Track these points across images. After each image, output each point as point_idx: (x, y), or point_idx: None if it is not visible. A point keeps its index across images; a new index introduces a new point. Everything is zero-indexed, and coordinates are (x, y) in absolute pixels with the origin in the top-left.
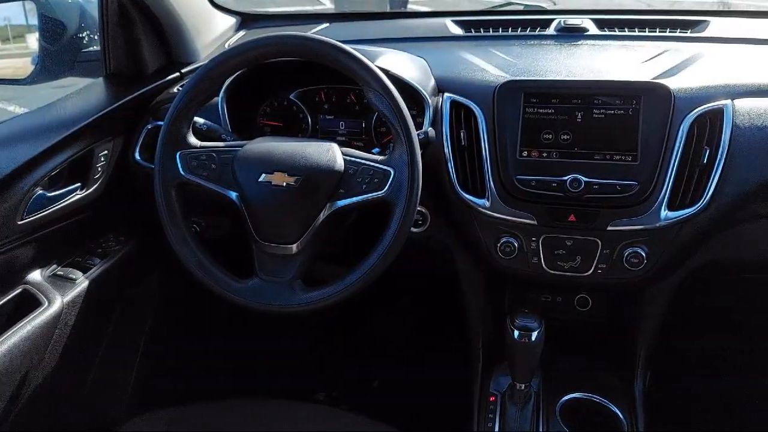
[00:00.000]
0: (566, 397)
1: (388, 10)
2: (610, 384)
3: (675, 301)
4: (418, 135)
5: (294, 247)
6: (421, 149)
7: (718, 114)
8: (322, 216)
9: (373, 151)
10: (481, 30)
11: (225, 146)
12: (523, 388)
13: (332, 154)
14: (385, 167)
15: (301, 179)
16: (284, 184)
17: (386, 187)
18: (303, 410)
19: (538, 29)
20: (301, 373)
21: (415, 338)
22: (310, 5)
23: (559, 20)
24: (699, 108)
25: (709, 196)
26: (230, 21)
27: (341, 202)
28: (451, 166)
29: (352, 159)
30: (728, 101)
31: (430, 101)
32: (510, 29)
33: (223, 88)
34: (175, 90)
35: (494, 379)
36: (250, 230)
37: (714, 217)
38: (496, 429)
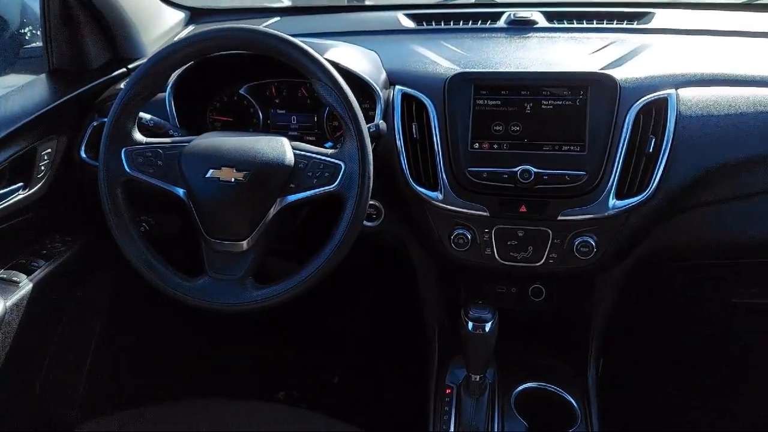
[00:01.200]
0: (521, 387)
1: (346, 3)
2: (564, 373)
3: (625, 288)
4: (369, 128)
5: (244, 243)
6: (372, 142)
7: (662, 103)
8: (272, 211)
9: (326, 145)
10: (433, 23)
11: (171, 142)
12: (478, 379)
13: (282, 148)
14: (335, 161)
15: (249, 174)
16: (232, 179)
17: (337, 181)
18: (262, 410)
19: (489, 22)
20: (259, 372)
21: (374, 333)
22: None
23: (509, 13)
24: (644, 98)
25: (655, 184)
26: (179, 15)
27: (292, 197)
28: (403, 158)
29: (303, 153)
30: (672, 91)
31: (381, 94)
32: (461, 22)
33: (171, 83)
34: (121, 86)
35: (450, 372)
36: (198, 227)
37: (661, 204)
38: (452, 421)
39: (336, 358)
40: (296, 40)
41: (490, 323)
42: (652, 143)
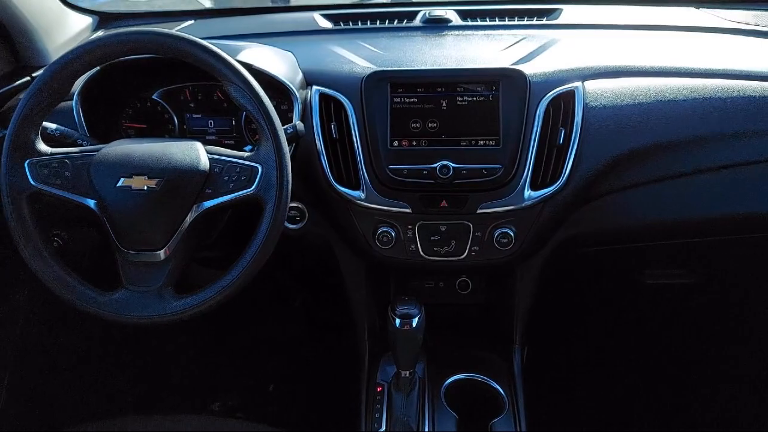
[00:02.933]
0: (450, 380)
1: (270, 4)
2: (491, 362)
3: (544, 276)
4: (286, 129)
5: (161, 253)
6: (290, 143)
7: (570, 96)
8: (189, 218)
9: (246, 148)
10: (350, 23)
11: (80, 151)
12: (407, 375)
13: (195, 152)
14: (252, 164)
15: (162, 181)
16: (145, 187)
17: (255, 184)
18: (197, 423)
19: (405, 21)
20: (192, 384)
21: (308, 335)
22: (185, 4)
23: (424, 12)
24: (553, 91)
25: (567, 174)
26: (86, 21)
27: (208, 203)
28: (324, 159)
29: (218, 157)
30: (579, 84)
31: (297, 94)
32: (378, 22)
33: (77, 90)
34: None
35: (381, 369)
36: (112, 239)
37: (573, 193)
38: (383, 419)
39: (271, 364)
40: (205, 42)
41: (417, 318)
42: (562, 135)
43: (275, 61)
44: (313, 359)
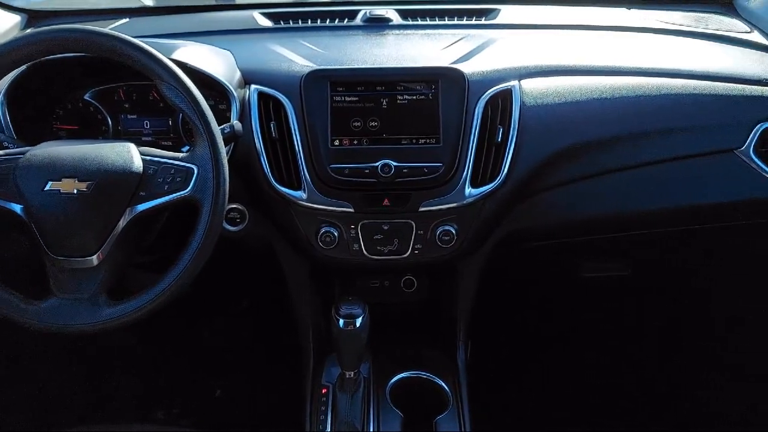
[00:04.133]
0: (395, 378)
1: (208, 3)
2: (435, 359)
3: (486, 272)
4: (223, 129)
5: (94, 259)
6: (228, 143)
7: (507, 94)
8: (122, 222)
9: (183, 149)
10: (290, 22)
11: (4, 154)
12: (352, 375)
13: (128, 154)
14: (187, 165)
15: (93, 184)
16: (75, 191)
17: (190, 186)
18: None
19: (346, 20)
20: (135, 392)
21: (253, 339)
22: (120, 2)
23: (365, 11)
24: (491, 90)
25: (505, 171)
26: (14, 19)
27: (142, 206)
28: (263, 159)
29: (152, 158)
30: (516, 82)
31: (235, 94)
32: (318, 20)
33: (3, 90)
34: None
35: (327, 371)
36: (41, 245)
37: (512, 190)
38: (328, 421)
39: (217, 369)
40: (136, 40)
41: (360, 318)
42: (500, 133)
43: (212, 59)
44: (259, 363)
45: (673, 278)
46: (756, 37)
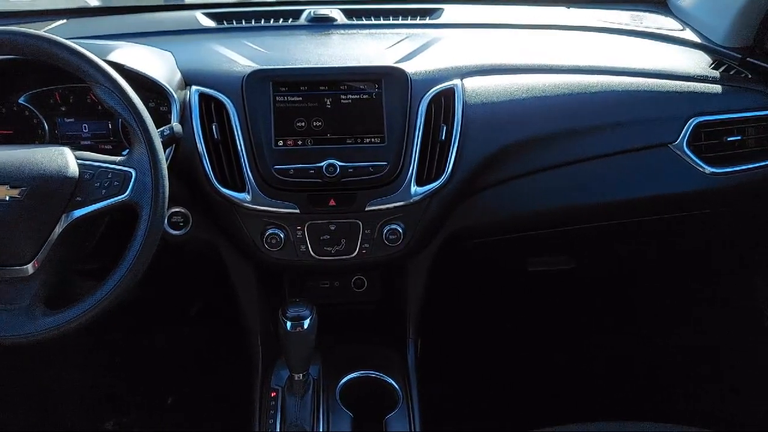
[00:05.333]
0: (345, 379)
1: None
2: (385, 358)
3: (434, 270)
4: (163, 131)
5: (29, 267)
6: (168, 146)
7: (450, 93)
8: (58, 229)
9: (123, 153)
10: (233, 22)
11: None
12: (301, 377)
13: (63, 158)
14: (125, 168)
15: (26, 191)
16: (7, 197)
17: (128, 190)
18: None
19: (290, 20)
20: (84, 402)
21: (205, 345)
22: (55, 2)
23: (309, 11)
24: (433, 88)
25: (450, 169)
26: None
27: (79, 212)
28: (206, 161)
29: (88, 163)
30: (458, 81)
31: (175, 95)
32: (262, 20)
33: None
34: None
35: (276, 374)
36: None
37: (457, 187)
38: (277, 424)
39: (169, 376)
40: (68, 42)
41: (308, 320)
42: (444, 131)
43: (151, 61)
44: (210, 369)
45: (616, 270)
46: (688, 34)
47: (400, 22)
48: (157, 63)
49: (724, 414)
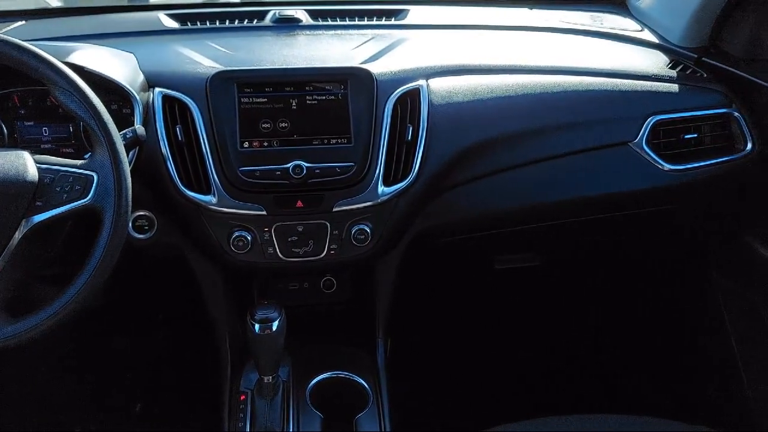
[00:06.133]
0: (315, 380)
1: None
2: (355, 358)
3: (403, 269)
4: (125, 134)
5: None
6: (131, 148)
7: (416, 93)
8: (18, 235)
9: (86, 156)
10: (197, 23)
11: None
12: (270, 380)
13: (22, 162)
14: (86, 172)
15: None
16: None
17: (90, 194)
18: None
19: (255, 21)
20: (50, 408)
21: (173, 350)
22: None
23: (274, 12)
24: (399, 89)
25: (416, 168)
26: None
27: (39, 217)
28: (170, 164)
29: (48, 166)
30: (424, 81)
31: (138, 97)
32: (227, 21)
33: None
34: None
35: (245, 377)
36: None
37: (424, 187)
38: (247, 427)
39: (138, 383)
40: (25, 44)
41: (276, 322)
42: (410, 131)
43: (112, 62)
44: (179, 374)
45: (581, 266)
46: (646, 35)
47: (365, 22)
48: (118, 64)
49: (687, 406)
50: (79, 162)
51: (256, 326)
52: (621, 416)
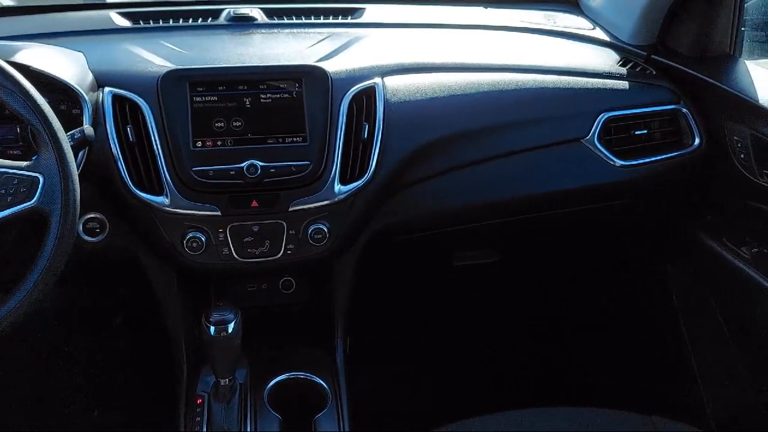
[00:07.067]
0: (273, 381)
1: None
2: (314, 358)
3: (361, 267)
4: (73, 134)
5: None
6: (79, 149)
7: (371, 92)
8: None
9: (33, 158)
10: (150, 21)
11: None
12: (227, 383)
13: None
14: (31, 174)
15: None
16: None
17: (36, 196)
18: None
19: (210, 19)
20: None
21: (130, 355)
22: None
23: (228, 10)
24: (354, 87)
25: (373, 167)
26: None
27: None
28: (121, 164)
29: None
30: (379, 80)
31: (87, 97)
32: (181, 20)
33: None
34: None
35: (202, 380)
36: None
37: (381, 185)
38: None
39: (93, 390)
40: None
41: (232, 324)
42: (366, 129)
43: (60, 62)
44: (136, 379)
45: (538, 262)
46: (598, 33)
47: (321, 21)
48: (66, 64)
49: (641, 398)
50: (24, 163)
51: (212, 328)
52: (572, 408)
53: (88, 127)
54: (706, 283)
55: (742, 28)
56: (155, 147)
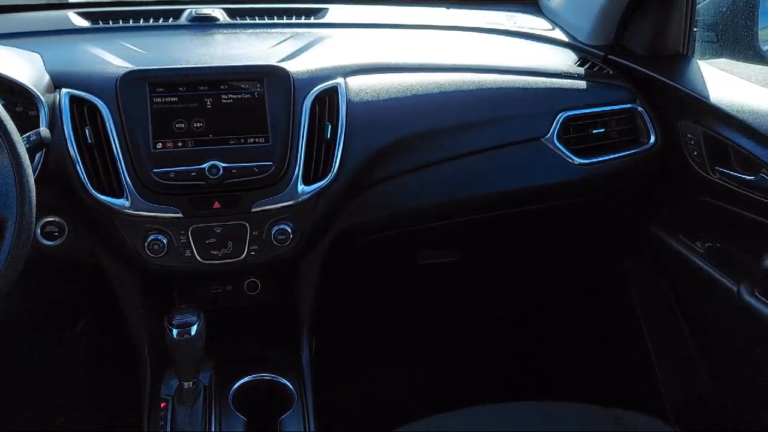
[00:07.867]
0: (238, 383)
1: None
2: (280, 359)
3: (326, 268)
4: (29, 137)
5: None
6: (35, 152)
7: (334, 92)
8: None
9: None
10: (110, 21)
11: None
12: (190, 386)
13: None
14: None
15: None
16: None
17: None
18: None
19: (171, 20)
20: None
21: (94, 360)
22: None
23: (190, 10)
24: (317, 87)
25: (336, 167)
26: None
27: None
28: (80, 167)
29: None
30: (342, 80)
31: (43, 98)
32: (141, 20)
33: None
34: None
35: (166, 384)
36: None
37: (345, 185)
38: None
39: (57, 396)
40: None
41: (195, 326)
42: (329, 130)
43: (14, 62)
44: (100, 385)
45: (501, 260)
46: (557, 34)
47: (284, 21)
48: (22, 65)
49: (606, 394)
50: None
51: (174, 331)
52: (536, 403)
53: (44, 129)
54: (664, 277)
55: (694, 29)
56: (114, 149)
